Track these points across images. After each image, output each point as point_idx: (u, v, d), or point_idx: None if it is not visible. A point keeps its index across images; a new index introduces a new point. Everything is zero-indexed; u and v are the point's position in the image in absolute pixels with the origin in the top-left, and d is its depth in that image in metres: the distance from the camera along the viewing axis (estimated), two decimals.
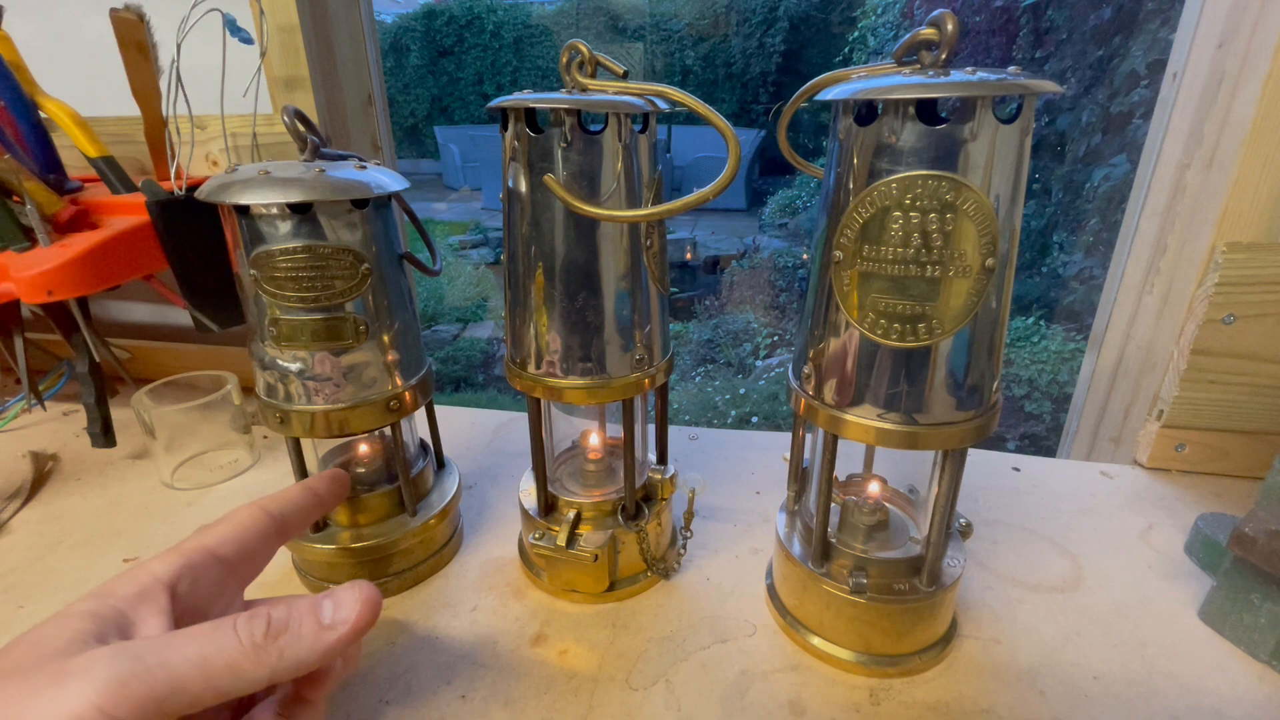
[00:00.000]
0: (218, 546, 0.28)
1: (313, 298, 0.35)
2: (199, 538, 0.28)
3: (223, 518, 0.30)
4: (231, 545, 0.29)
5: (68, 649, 0.22)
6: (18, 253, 0.47)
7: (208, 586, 0.27)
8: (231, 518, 0.30)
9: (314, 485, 0.34)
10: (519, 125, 0.33)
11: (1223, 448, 0.53)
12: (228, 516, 0.30)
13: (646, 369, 0.38)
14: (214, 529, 0.29)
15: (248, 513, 0.30)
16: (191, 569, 0.27)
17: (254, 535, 0.30)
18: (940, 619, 0.37)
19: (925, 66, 0.28)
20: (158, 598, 0.25)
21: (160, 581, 0.25)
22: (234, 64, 0.53)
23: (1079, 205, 2.73)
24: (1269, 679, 0.36)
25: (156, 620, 0.24)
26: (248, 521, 0.30)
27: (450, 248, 4.67)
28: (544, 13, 7.05)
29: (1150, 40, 2.44)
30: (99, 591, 0.25)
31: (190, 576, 0.26)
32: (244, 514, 0.30)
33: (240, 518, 0.30)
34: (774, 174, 5.90)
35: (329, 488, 0.35)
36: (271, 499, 0.32)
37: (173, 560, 0.27)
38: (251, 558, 0.30)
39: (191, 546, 0.28)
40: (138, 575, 0.26)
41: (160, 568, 0.26)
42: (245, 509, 0.30)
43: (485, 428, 0.63)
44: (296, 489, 0.33)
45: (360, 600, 0.25)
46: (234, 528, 0.29)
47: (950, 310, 0.29)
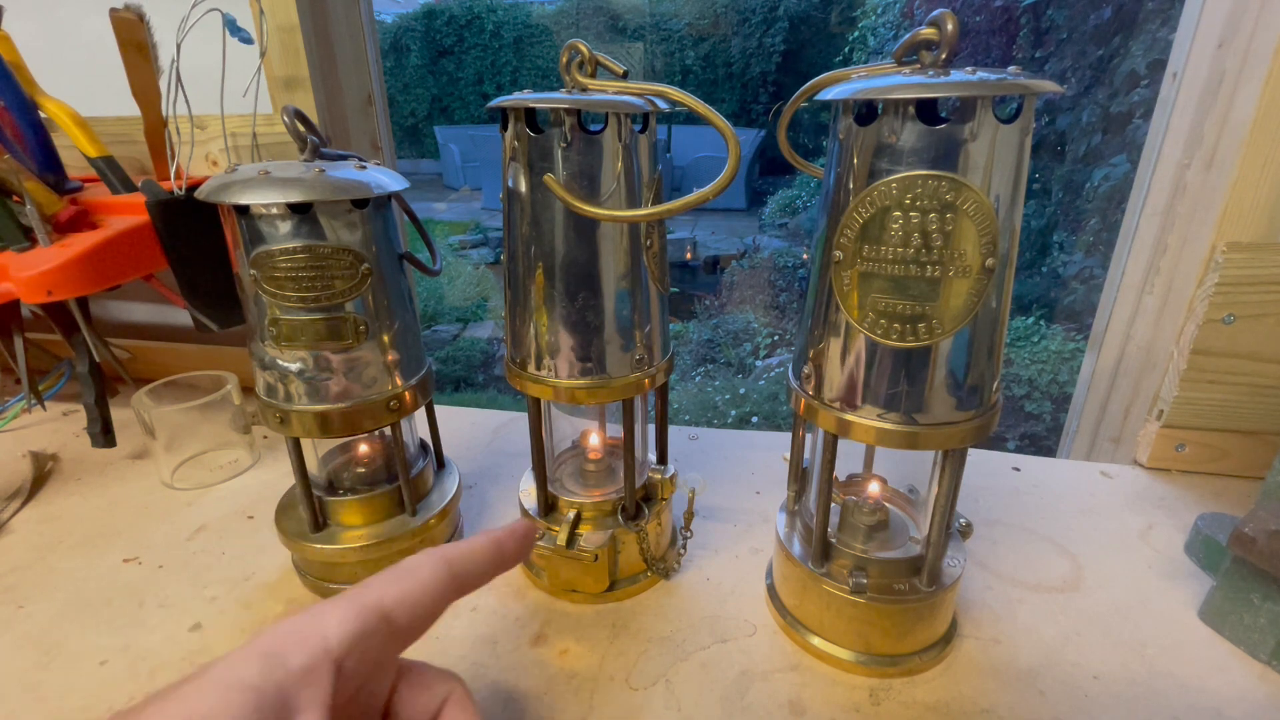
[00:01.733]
0: (394, 609, 0.24)
1: (313, 298, 0.35)
2: (378, 593, 0.24)
3: (403, 568, 0.26)
4: (408, 609, 0.25)
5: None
6: (18, 253, 0.47)
7: (373, 657, 0.24)
8: (414, 573, 0.26)
9: (502, 541, 0.29)
10: (519, 125, 0.33)
11: (1223, 448, 0.53)
12: (410, 569, 0.26)
13: (646, 369, 0.38)
14: (392, 586, 0.25)
15: (430, 570, 0.26)
16: (364, 639, 0.23)
17: (432, 599, 0.26)
18: (940, 619, 0.37)
19: (925, 66, 0.28)
20: (323, 680, 0.22)
21: (330, 656, 0.22)
22: (234, 64, 0.53)
23: (1079, 205, 2.73)
24: (1269, 679, 0.36)
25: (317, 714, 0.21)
26: (428, 581, 0.26)
27: (450, 248, 4.67)
28: (544, 13, 7.05)
29: (1150, 40, 2.44)
30: (271, 649, 0.22)
31: (360, 649, 0.23)
32: (426, 571, 0.26)
33: (423, 576, 0.26)
34: (774, 174, 5.90)
35: (517, 546, 0.29)
36: (456, 552, 0.27)
37: (349, 626, 0.23)
38: (422, 624, 0.26)
39: (369, 607, 0.24)
40: (310, 640, 0.22)
41: (335, 635, 0.23)
42: (429, 564, 0.26)
43: (485, 428, 0.63)
44: (482, 544, 0.28)
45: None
46: (415, 587, 0.25)
47: (950, 310, 0.29)
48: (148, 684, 0.36)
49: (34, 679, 0.37)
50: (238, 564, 0.45)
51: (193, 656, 0.38)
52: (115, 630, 0.40)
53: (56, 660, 0.38)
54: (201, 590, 0.43)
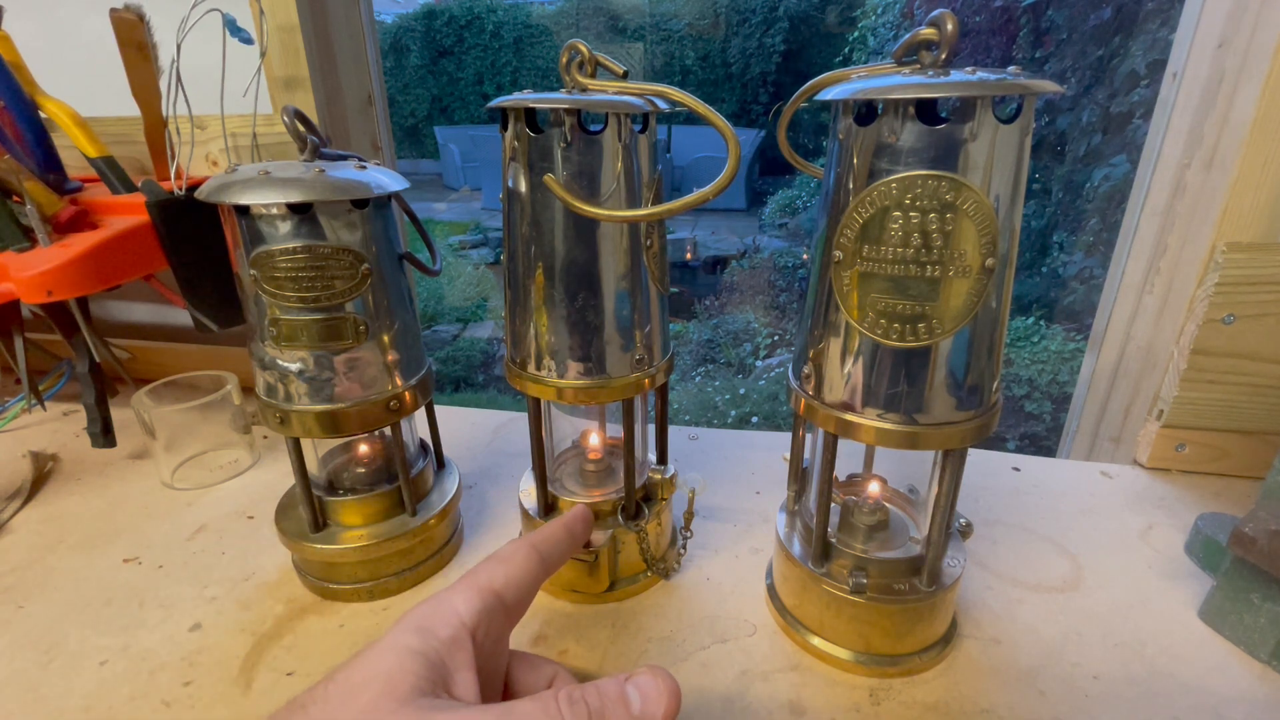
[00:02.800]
0: (504, 590, 0.28)
1: (313, 298, 0.35)
2: (488, 577, 0.28)
3: (501, 556, 0.29)
4: (513, 590, 0.28)
5: (410, 696, 0.22)
6: (18, 253, 0.47)
7: (494, 633, 0.27)
8: (512, 559, 0.29)
9: (570, 524, 0.34)
10: (519, 125, 0.33)
11: (1223, 448, 0.53)
12: (507, 556, 0.30)
13: (646, 369, 0.38)
14: (498, 569, 0.29)
15: (525, 554, 0.30)
16: (486, 614, 0.27)
17: (530, 579, 0.29)
18: (940, 619, 0.37)
19: (925, 66, 0.28)
20: (466, 647, 0.25)
21: (466, 628, 0.26)
22: (234, 64, 0.53)
23: (1079, 205, 2.73)
24: (1269, 679, 0.36)
25: (468, 676, 0.25)
26: (525, 564, 0.29)
27: (450, 248, 4.67)
28: (544, 13, 7.05)
29: (1150, 40, 2.44)
30: (421, 625, 0.25)
31: (485, 623, 0.26)
32: (521, 555, 0.30)
33: (520, 560, 0.29)
34: (774, 174, 5.90)
35: (582, 527, 0.35)
36: (539, 537, 0.31)
37: (474, 604, 0.27)
38: (524, 602, 0.29)
39: (486, 588, 0.27)
40: (447, 616, 0.26)
41: (465, 611, 0.26)
42: (521, 550, 0.30)
43: (485, 428, 0.63)
44: (557, 527, 0.33)
45: (666, 693, 0.25)
46: (516, 570, 0.29)
47: (950, 310, 0.29)
48: (148, 684, 0.36)
49: (34, 679, 0.37)
50: (238, 564, 0.45)
51: (192, 656, 0.38)
52: (115, 630, 0.40)
53: (56, 660, 0.38)
54: (201, 590, 0.43)
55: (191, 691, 0.36)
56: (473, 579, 0.28)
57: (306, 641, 0.39)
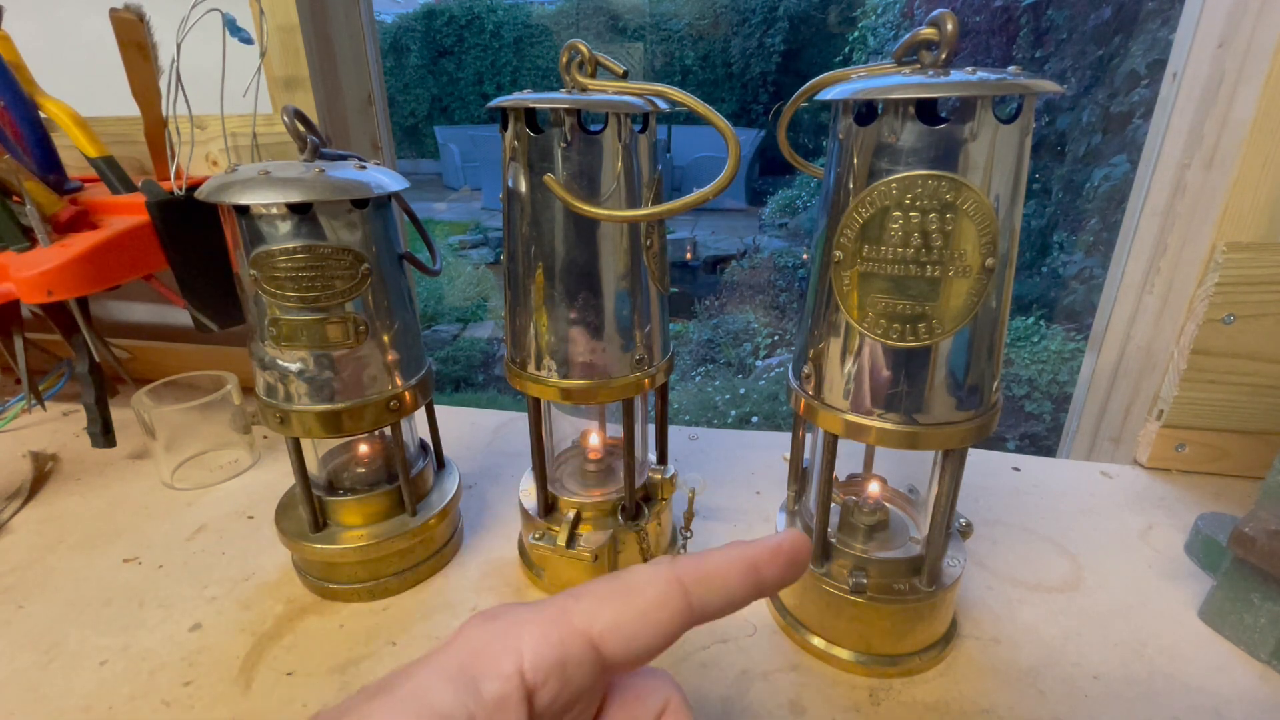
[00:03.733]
0: (605, 636, 0.20)
1: (312, 298, 0.35)
2: (589, 615, 0.20)
3: (627, 584, 0.21)
4: (621, 640, 0.20)
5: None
6: (18, 253, 0.47)
7: (574, 687, 0.20)
8: (638, 594, 0.21)
9: (760, 564, 0.22)
10: (519, 125, 0.33)
11: (1223, 448, 0.53)
12: (634, 587, 0.21)
13: (646, 369, 0.38)
14: (607, 607, 0.20)
15: (659, 593, 0.21)
16: (563, 668, 0.19)
17: (657, 629, 0.20)
18: (940, 619, 0.37)
19: (925, 66, 0.28)
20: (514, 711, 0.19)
21: (522, 685, 0.19)
22: (234, 64, 0.53)
23: (1079, 205, 2.73)
24: (1269, 679, 0.36)
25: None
26: (654, 607, 0.20)
27: (450, 248, 4.67)
28: (544, 13, 7.05)
29: (1150, 40, 2.44)
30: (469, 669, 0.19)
31: (560, 679, 0.19)
32: (655, 593, 0.20)
33: (648, 600, 0.20)
34: (774, 174, 5.90)
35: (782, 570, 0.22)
36: (697, 573, 0.21)
37: (546, 651, 0.19)
38: (638, 659, 0.20)
39: (575, 631, 0.20)
40: (503, 663, 0.19)
41: (531, 662, 0.19)
42: (659, 585, 0.21)
43: (485, 428, 0.63)
44: (736, 565, 0.22)
45: None
46: (635, 615, 0.20)
47: (950, 310, 0.29)
48: (148, 684, 0.36)
49: (34, 679, 0.37)
50: (238, 564, 0.45)
51: (192, 656, 0.38)
52: (115, 630, 0.40)
53: (56, 660, 0.38)
54: (201, 590, 0.43)
55: (191, 691, 0.36)
56: (565, 612, 0.20)
57: (306, 641, 0.39)
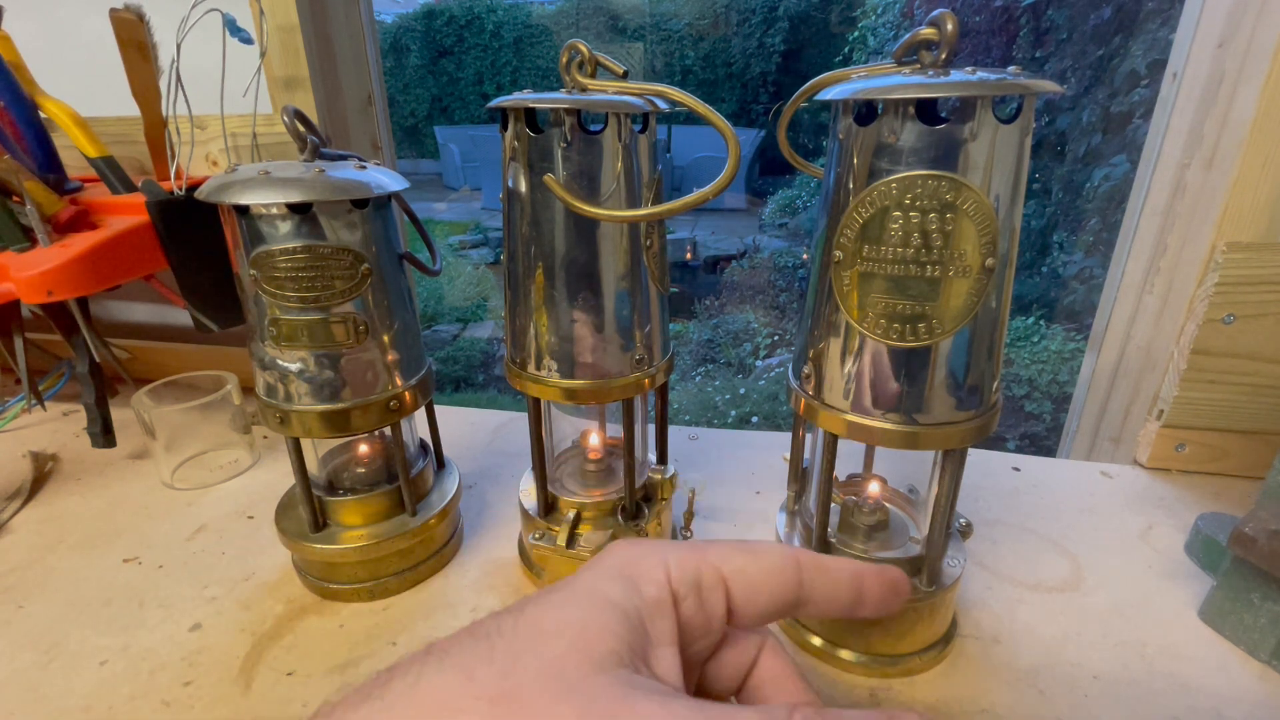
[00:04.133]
0: (733, 578, 0.23)
1: (312, 298, 0.35)
2: (720, 555, 0.23)
3: (750, 545, 0.24)
4: (745, 586, 0.23)
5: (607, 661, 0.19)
6: (18, 253, 0.47)
7: (701, 618, 0.22)
8: (761, 553, 0.23)
9: (866, 579, 0.25)
10: (519, 125, 0.33)
11: (1223, 448, 0.53)
12: (757, 549, 0.24)
13: (646, 369, 0.38)
14: (738, 555, 0.23)
15: (779, 561, 0.23)
16: (699, 590, 0.22)
17: (772, 590, 0.23)
18: (940, 619, 0.37)
19: (925, 66, 0.28)
20: (669, 614, 0.21)
21: (673, 593, 0.22)
22: (234, 64, 0.53)
23: (1079, 205, 2.73)
24: (1269, 679, 0.36)
25: (670, 653, 0.21)
26: (775, 571, 0.23)
27: (450, 248, 4.67)
28: (544, 13, 7.05)
29: (1150, 40, 2.44)
30: (623, 571, 0.21)
31: (695, 597, 0.22)
32: (775, 558, 0.23)
33: (771, 561, 0.23)
34: (774, 174, 5.89)
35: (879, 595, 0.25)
36: (812, 561, 0.24)
37: (689, 568, 0.22)
38: (755, 613, 0.23)
39: (711, 561, 0.23)
40: (655, 570, 0.22)
41: (676, 571, 0.22)
42: (778, 553, 0.24)
43: (485, 428, 0.63)
44: (845, 572, 0.25)
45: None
46: (759, 568, 0.23)
47: (950, 310, 0.29)
48: (148, 684, 0.36)
49: (34, 679, 0.37)
50: (238, 564, 0.45)
51: (192, 656, 0.38)
52: (115, 630, 0.40)
53: (56, 660, 0.38)
54: (201, 590, 0.43)
55: (191, 691, 0.36)
56: (702, 548, 0.23)
57: (306, 641, 0.39)
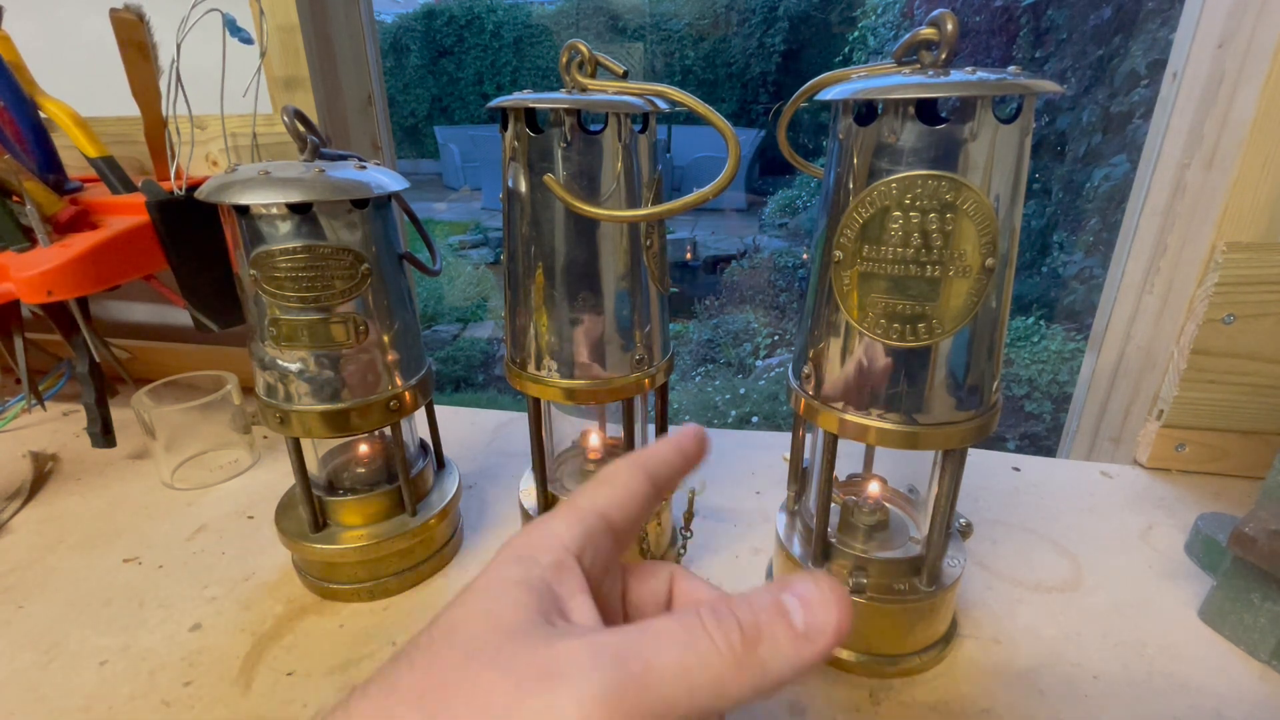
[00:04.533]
0: (609, 511, 0.25)
1: (312, 298, 0.35)
2: (589, 499, 0.25)
3: (603, 478, 0.26)
4: (619, 510, 0.25)
5: (520, 627, 0.20)
6: (18, 253, 0.47)
7: (602, 559, 0.24)
8: (616, 480, 0.26)
9: (681, 442, 0.28)
10: (519, 125, 0.33)
11: (1223, 448, 0.53)
12: (609, 478, 0.26)
13: (646, 369, 0.38)
14: (600, 490, 0.25)
15: (629, 474, 0.26)
16: (591, 538, 0.23)
17: (638, 499, 0.26)
18: (940, 619, 0.37)
19: (925, 66, 0.28)
20: (574, 570, 0.22)
21: (570, 552, 0.23)
22: (234, 64, 0.53)
23: (1079, 205, 2.73)
24: (1269, 679, 0.36)
25: (583, 599, 0.22)
26: (633, 485, 0.26)
27: (450, 248, 4.67)
28: (544, 13, 7.05)
29: (1150, 40, 2.44)
30: (519, 554, 0.22)
31: (591, 547, 0.23)
32: (626, 475, 0.26)
33: (625, 480, 0.26)
34: (774, 174, 5.89)
35: (695, 445, 0.28)
36: (647, 456, 0.27)
37: (575, 526, 0.23)
38: (634, 524, 0.26)
39: (588, 509, 0.24)
40: (547, 540, 0.23)
41: (566, 535, 0.23)
42: (626, 470, 0.26)
43: (485, 428, 0.63)
44: (667, 446, 0.28)
45: (834, 602, 0.19)
46: (622, 491, 0.25)
47: (950, 310, 0.29)
48: (148, 684, 0.36)
49: (34, 679, 0.37)
50: (238, 564, 0.45)
51: (193, 656, 0.38)
52: (115, 630, 0.40)
53: (56, 660, 0.38)
54: (201, 590, 0.43)
55: (191, 691, 0.36)
56: (571, 502, 0.25)
57: (306, 641, 0.39)
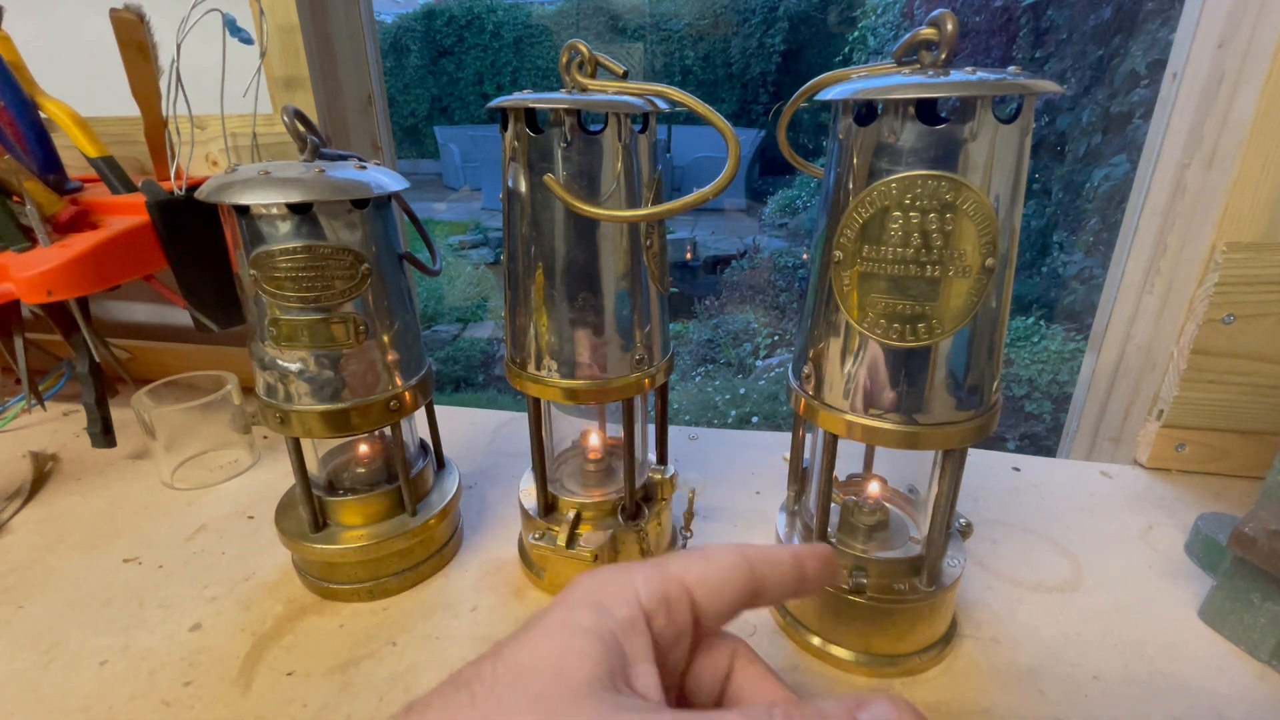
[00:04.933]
0: (695, 586, 0.24)
1: (312, 298, 0.35)
2: (681, 566, 0.24)
3: (704, 553, 0.25)
4: (706, 591, 0.24)
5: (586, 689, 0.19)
6: (18, 253, 0.47)
7: (673, 630, 0.23)
8: (713, 559, 0.25)
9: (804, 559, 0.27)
10: (519, 125, 0.33)
11: (1223, 448, 0.53)
12: (706, 553, 0.25)
13: (646, 369, 0.38)
14: (694, 563, 0.24)
15: (732, 560, 0.25)
16: (667, 604, 0.23)
17: (731, 589, 0.24)
18: (940, 619, 0.37)
19: (925, 66, 0.28)
20: (644, 633, 0.22)
21: (644, 612, 0.22)
22: (234, 64, 0.53)
23: (1079, 205, 2.73)
24: (1269, 679, 0.36)
25: (648, 669, 0.21)
26: (730, 570, 0.24)
27: (450, 248, 4.67)
28: (544, 13, 7.05)
29: (1150, 40, 2.44)
30: (594, 599, 0.22)
31: (665, 612, 0.23)
32: (729, 559, 0.25)
33: (725, 562, 0.25)
34: (774, 174, 5.89)
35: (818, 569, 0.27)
36: (758, 553, 0.26)
37: (655, 585, 0.23)
38: (719, 613, 0.24)
39: (673, 575, 0.24)
40: (623, 592, 0.23)
41: (643, 590, 0.23)
42: (730, 553, 0.25)
43: (485, 428, 0.63)
44: (786, 556, 0.26)
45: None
46: (715, 572, 0.24)
47: (950, 310, 0.29)
48: (148, 684, 0.36)
49: (34, 679, 0.37)
50: (238, 564, 0.45)
51: (193, 656, 0.38)
52: (115, 630, 0.40)
53: (56, 660, 0.38)
54: (201, 590, 0.43)
55: (191, 691, 0.36)
56: (661, 564, 0.24)
57: (306, 641, 0.39)
